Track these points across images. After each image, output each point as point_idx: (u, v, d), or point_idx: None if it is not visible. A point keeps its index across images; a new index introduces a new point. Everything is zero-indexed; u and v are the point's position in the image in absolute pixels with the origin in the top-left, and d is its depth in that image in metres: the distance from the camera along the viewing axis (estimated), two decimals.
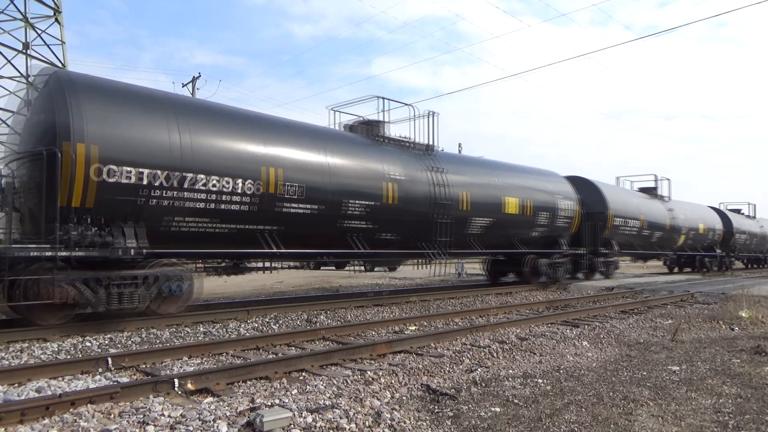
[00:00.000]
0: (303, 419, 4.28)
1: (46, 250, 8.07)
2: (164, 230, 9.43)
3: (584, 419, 4.54)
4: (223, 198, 9.92)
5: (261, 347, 7.57)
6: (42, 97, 9.17)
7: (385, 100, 14.10)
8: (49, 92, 8.93)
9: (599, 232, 19.74)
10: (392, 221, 12.95)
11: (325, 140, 12.07)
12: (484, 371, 6.25)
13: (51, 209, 8.21)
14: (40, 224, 8.31)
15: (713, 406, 5.00)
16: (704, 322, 10.26)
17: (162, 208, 9.25)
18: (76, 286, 8.37)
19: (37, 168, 8.43)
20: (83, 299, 8.46)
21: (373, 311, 11.76)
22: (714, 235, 29.19)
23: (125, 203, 8.86)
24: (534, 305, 13.01)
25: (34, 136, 9.01)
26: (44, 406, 4.39)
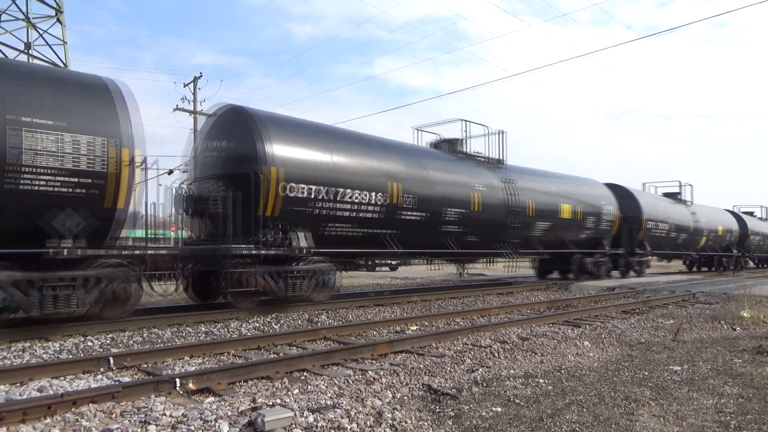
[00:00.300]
0: (304, 419, 4.29)
1: (252, 249, 10.36)
2: (320, 234, 11.70)
3: (586, 419, 4.54)
4: (361, 208, 12.28)
5: (262, 347, 7.57)
6: (235, 131, 11.21)
7: (466, 122, 16.52)
8: (246, 127, 10.98)
9: (635, 234, 21.65)
10: (476, 225, 15.24)
11: (425, 157, 14.57)
12: (486, 371, 6.25)
13: (252, 217, 10.45)
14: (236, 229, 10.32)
15: (715, 406, 4.99)
16: (706, 322, 10.25)
17: (321, 216, 11.60)
18: (265, 278, 10.47)
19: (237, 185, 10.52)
20: (270, 288, 10.57)
21: (375, 311, 11.76)
22: (731, 236, 31.13)
23: (299, 213, 11.19)
24: (535, 305, 13.00)
25: (230, 161, 11.06)
26: (46, 405, 4.40)
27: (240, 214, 10.32)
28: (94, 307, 8.66)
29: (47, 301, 8.04)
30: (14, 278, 7.78)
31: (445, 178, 14.44)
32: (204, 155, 11.68)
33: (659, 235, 23.33)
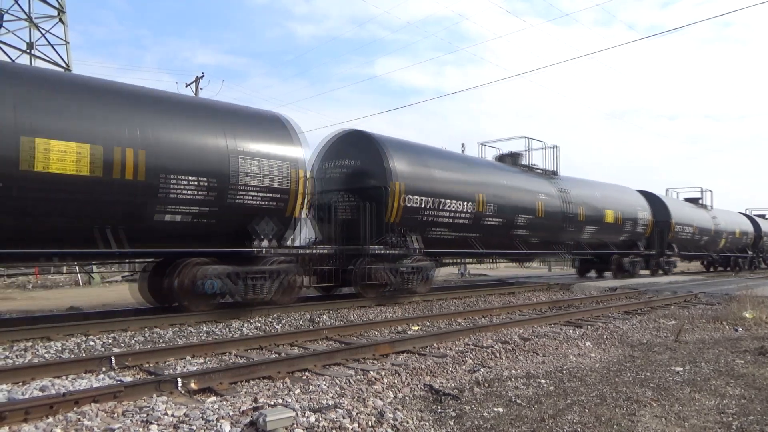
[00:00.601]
0: (306, 419, 4.29)
1: (382, 249, 12.84)
2: (426, 237, 13.97)
3: (587, 420, 4.53)
4: (456, 215, 14.64)
5: (264, 347, 7.58)
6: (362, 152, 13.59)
7: (528, 138, 19.00)
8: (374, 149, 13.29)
9: (665, 236, 24.23)
10: (540, 229, 17.49)
11: (500, 170, 16.98)
12: (487, 371, 6.25)
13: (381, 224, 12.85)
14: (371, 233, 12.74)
15: (717, 407, 4.99)
16: (708, 323, 10.23)
17: (428, 221, 13.91)
18: (388, 273, 12.81)
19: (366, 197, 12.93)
20: (390, 281, 12.91)
21: (376, 311, 11.76)
22: (747, 238, 33.60)
23: (413, 219, 13.46)
24: (537, 305, 12.99)
25: (356, 177, 13.49)
26: (48, 404, 4.40)
27: (374, 221, 12.75)
28: (275, 295, 10.80)
29: (248, 289, 10.28)
30: (228, 271, 9.98)
31: (516, 188, 16.83)
32: (329, 172, 14.01)
33: (685, 238, 25.78)
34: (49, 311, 11.52)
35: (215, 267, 9.91)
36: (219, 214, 9.97)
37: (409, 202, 13.24)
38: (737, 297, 13.26)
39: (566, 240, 18.95)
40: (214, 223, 9.99)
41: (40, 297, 15.69)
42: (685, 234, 25.59)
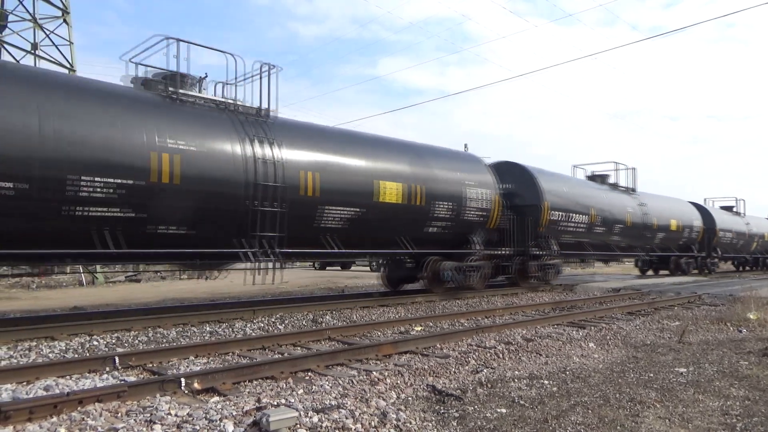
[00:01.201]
0: (309, 419, 4.29)
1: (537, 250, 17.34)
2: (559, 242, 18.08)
3: (590, 421, 4.53)
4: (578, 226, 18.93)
5: (267, 347, 7.59)
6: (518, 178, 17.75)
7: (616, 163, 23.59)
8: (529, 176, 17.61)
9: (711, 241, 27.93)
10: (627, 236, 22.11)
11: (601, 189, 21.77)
12: (490, 372, 6.24)
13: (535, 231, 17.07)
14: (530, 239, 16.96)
15: (721, 408, 4.97)
16: (712, 324, 10.20)
17: (561, 230, 18.17)
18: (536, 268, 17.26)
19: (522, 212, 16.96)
20: (536, 274, 17.41)
21: (379, 312, 11.76)
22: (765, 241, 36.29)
23: (553, 229, 17.74)
24: (540, 306, 12.97)
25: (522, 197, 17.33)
26: (52, 404, 4.42)
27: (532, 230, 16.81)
28: (477, 283, 14.92)
29: (464, 278, 14.45)
30: (455, 265, 14.33)
31: (612, 202, 21.06)
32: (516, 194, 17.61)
33: (726, 242, 29.62)
34: (53, 311, 11.56)
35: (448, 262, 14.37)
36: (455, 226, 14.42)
37: (552, 216, 17.39)
38: (741, 298, 13.21)
39: (643, 244, 23.54)
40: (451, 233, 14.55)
41: (44, 297, 15.74)
42: (726, 239, 29.35)
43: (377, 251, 14.02)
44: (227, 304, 12.27)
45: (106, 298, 15.00)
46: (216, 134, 10.16)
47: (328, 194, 11.51)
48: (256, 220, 10.29)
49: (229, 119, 10.63)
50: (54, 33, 23.81)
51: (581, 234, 19.43)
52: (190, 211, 9.55)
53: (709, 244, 27.63)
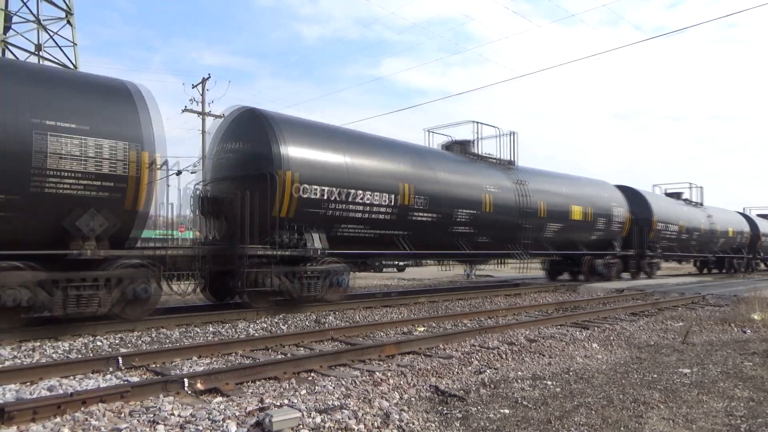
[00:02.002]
0: (312, 419, 4.29)
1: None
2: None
3: (594, 422, 4.51)
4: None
5: (270, 347, 7.59)
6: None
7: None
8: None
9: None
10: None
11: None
12: (493, 373, 6.23)
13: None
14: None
15: (725, 409, 4.95)
16: (716, 325, 10.17)
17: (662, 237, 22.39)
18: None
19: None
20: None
21: (382, 312, 11.76)
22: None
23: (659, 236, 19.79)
24: (543, 307, 12.96)
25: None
26: (56, 404, 4.43)
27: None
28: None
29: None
30: (603, 262, 15.25)
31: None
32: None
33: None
34: None
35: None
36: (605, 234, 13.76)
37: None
38: (745, 299, 13.18)
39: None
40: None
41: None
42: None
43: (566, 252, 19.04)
44: (230, 304, 12.27)
45: None
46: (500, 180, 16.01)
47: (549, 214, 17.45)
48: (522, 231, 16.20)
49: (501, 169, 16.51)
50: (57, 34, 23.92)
51: (673, 240, 23.98)
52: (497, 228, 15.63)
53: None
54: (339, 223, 11.93)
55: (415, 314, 11.45)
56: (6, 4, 22.02)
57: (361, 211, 12.21)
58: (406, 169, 13.31)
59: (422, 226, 13.60)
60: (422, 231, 13.64)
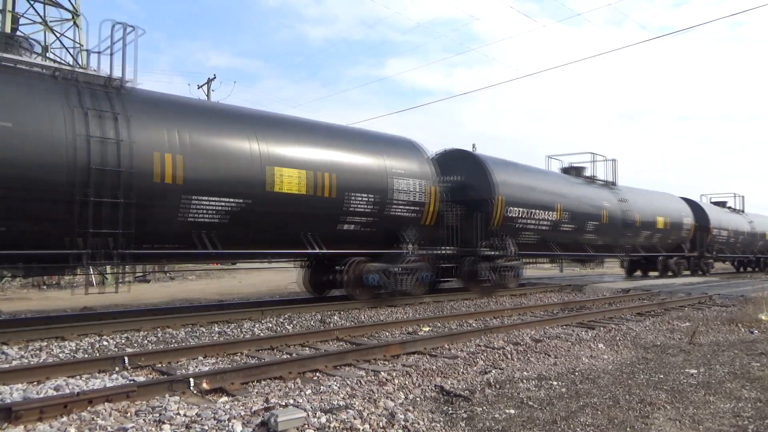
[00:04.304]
0: (317, 419, 4.29)
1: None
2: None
3: (600, 422, 4.50)
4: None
5: (275, 347, 7.60)
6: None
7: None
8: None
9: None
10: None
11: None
12: (499, 373, 6.22)
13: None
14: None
15: (732, 410, 4.92)
16: (722, 325, 10.11)
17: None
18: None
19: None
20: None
21: (387, 312, 11.75)
22: None
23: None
24: (549, 307, 12.92)
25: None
26: (62, 404, 4.45)
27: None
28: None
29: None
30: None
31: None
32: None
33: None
34: (63, 311, 11.65)
35: None
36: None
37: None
38: (753, 299, 13.09)
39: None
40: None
41: (54, 297, 15.87)
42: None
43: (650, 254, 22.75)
44: (236, 304, 12.32)
45: (115, 298, 15.10)
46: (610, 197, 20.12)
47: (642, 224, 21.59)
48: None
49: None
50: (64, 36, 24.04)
51: (723, 243, 24.72)
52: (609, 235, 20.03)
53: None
54: (521, 231, 16.28)
55: (420, 314, 11.44)
56: (13, 6, 22.15)
57: (534, 223, 16.58)
58: (557, 189, 17.94)
59: (566, 234, 18.23)
60: (566, 237, 18.28)
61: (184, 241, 9.68)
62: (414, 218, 13.21)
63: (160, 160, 9.25)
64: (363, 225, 12.30)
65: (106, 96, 9.09)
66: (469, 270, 14.98)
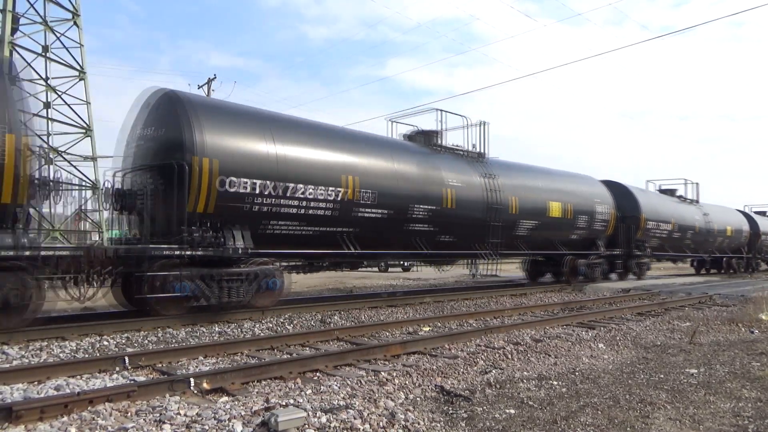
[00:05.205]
0: (317, 419, 4.30)
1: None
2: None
3: (600, 422, 4.50)
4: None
5: (275, 347, 7.60)
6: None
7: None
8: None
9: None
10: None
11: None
12: (499, 373, 6.22)
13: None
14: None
15: (732, 410, 4.92)
16: (723, 325, 10.11)
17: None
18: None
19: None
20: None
21: (387, 312, 11.76)
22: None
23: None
24: (549, 306, 12.92)
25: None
26: (63, 404, 4.45)
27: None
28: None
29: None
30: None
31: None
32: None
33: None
34: (64, 311, 11.64)
35: None
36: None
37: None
38: (753, 299, 13.10)
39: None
40: None
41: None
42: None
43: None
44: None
45: None
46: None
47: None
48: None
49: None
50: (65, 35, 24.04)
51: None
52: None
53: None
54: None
55: (421, 314, 11.44)
56: (13, 6, 22.15)
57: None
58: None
59: (675, 240, 22.74)
60: (675, 243, 22.68)
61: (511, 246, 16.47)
62: (603, 230, 19.46)
63: (512, 201, 16.03)
64: (580, 234, 18.77)
65: (482, 164, 15.74)
66: (626, 263, 20.84)
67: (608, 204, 20.30)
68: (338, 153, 11.88)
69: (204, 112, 10.13)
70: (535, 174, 17.97)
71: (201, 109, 10.19)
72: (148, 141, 10.38)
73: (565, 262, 18.49)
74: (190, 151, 9.58)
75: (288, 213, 10.89)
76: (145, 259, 9.11)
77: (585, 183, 20.16)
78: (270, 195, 10.51)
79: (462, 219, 14.46)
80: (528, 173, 17.69)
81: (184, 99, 10.25)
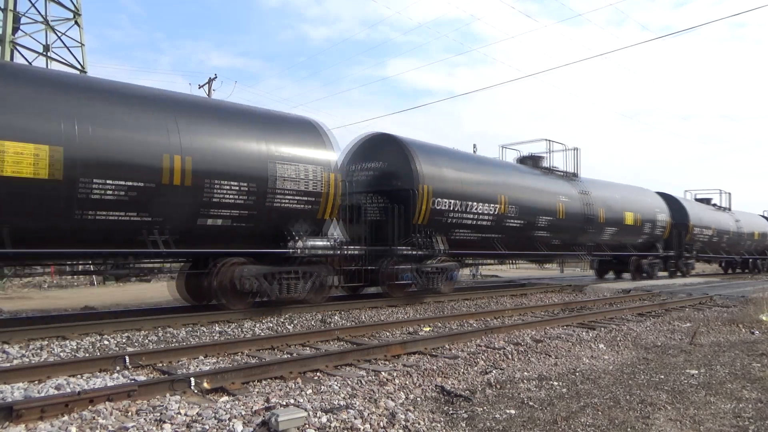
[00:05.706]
0: (318, 419, 4.30)
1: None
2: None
3: (600, 422, 4.50)
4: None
5: (276, 347, 7.61)
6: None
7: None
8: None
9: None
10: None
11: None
12: (499, 373, 6.22)
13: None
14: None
15: (733, 410, 4.92)
16: (723, 326, 10.11)
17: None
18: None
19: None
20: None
21: (387, 312, 11.76)
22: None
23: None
24: (549, 307, 12.92)
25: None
26: (63, 403, 4.46)
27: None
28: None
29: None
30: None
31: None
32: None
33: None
34: (65, 310, 11.66)
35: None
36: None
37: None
38: (754, 299, 13.09)
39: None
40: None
41: (55, 296, 15.89)
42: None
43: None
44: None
45: (116, 298, 15.11)
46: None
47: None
48: None
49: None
50: (65, 35, 24.06)
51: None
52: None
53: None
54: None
55: (421, 314, 11.44)
56: (15, 5, 22.17)
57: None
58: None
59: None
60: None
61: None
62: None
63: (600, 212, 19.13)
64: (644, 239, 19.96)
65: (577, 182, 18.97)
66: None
67: (665, 213, 23.55)
68: (495, 177, 15.66)
69: (418, 150, 13.50)
70: (614, 189, 21.35)
71: (415, 147, 13.54)
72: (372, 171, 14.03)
73: (631, 262, 21.81)
74: (417, 180, 12.96)
75: (466, 223, 14.39)
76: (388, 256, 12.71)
77: (648, 195, 23.60)
78: (457, 210, 13.97)
79: (568, 227, 17.94)
80: (609, 188, 20.97)
81: (406, 141, 13.63)
